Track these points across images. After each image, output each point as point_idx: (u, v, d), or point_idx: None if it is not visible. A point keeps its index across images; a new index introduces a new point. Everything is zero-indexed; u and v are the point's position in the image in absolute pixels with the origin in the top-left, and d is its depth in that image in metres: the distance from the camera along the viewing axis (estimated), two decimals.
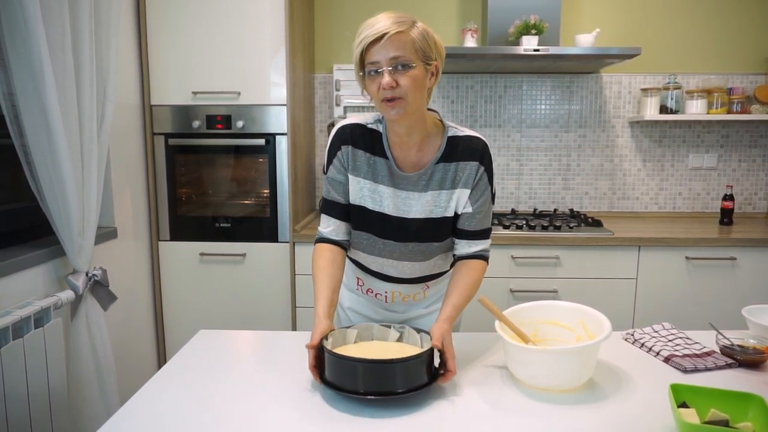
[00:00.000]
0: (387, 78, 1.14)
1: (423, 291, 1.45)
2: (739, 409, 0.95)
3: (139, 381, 2.38)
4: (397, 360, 1.04)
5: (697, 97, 2.71)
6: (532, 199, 3.01)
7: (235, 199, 2.50)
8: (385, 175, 1.29)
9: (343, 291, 1.51)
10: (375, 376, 1.05)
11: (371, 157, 1.29)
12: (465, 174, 1.27)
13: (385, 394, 1.04)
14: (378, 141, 1.29)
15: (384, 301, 1.46)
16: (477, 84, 2.92)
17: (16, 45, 1.51)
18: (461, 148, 1.28)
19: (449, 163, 1.28)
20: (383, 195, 1.29)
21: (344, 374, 1.06)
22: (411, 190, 1.29)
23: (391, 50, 1.14)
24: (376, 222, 1.31)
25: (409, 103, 1.17)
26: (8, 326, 1.44)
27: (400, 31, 1.15)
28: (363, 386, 1.04)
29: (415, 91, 1.16)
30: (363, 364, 1.05)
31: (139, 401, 1.08)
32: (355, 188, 1.31)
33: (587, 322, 1.22)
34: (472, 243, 1.33)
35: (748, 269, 2.39)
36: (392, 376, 1.04)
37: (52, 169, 1.62)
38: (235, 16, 2.33)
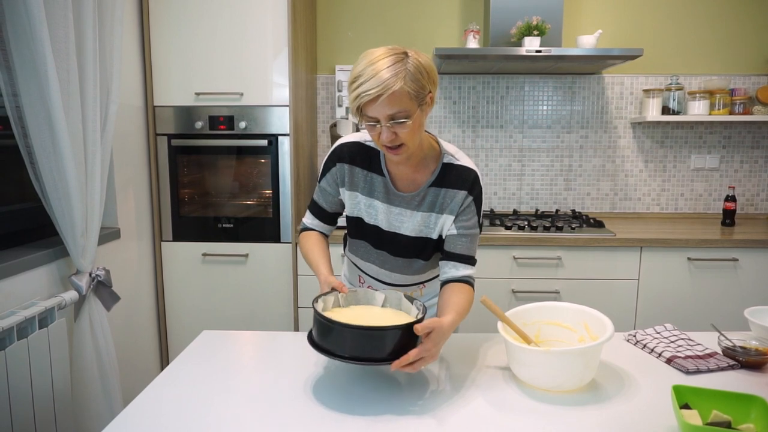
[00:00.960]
0: (386, 134, 1.18)
1: (420, 289, 1.52)
2: (742, 411, 0.95)
3: (142, 381, 2.39)
4: (374, 328, 1.06)
5: (699, 98, 2.71)
6: (533, 200, 3.01)
7: (238, 199, 2.51)
8: (381, 192, 1.36)
9: (346, 284, 1.59)
10: (355, 342, 1.06)
11: (368, 173, 1.36)
12: (452, 201, 1.32)
13: (366, 360, 1.06)
14: (375, 158, 1.36)
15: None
16: (479, 85, 2.93)
17: (21, 46, 1.51)
18: (453, 176, 1.33)
19: (440, 188, 1.33)
20: (378, 210, 1.37)
21: (329, 337, 1.08)
22: (404, 208, 1.35)
23: (387, 108, 1.15)
24: (371, 234, 1.40)
25: (408, 147, 1.22)
26: (13, 327, 1.45)
27: (395, 90, 1.13)
28: (347, 350, 1.06)
29: (413, 137, 1.21)
30: (343, 328, 1.06)
31: (143, 402, 1.09)
32: (352, 202, 1.39)
33: (589, 323, 1.22)
34: (459, 267, 1.33)
35: (750, 270, 2.39)
36: (368, 343, 1.06)
37: (55, 169, 1.63)
38: (237, 17, 2.34)
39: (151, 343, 2.48)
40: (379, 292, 1.27)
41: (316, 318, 1.12)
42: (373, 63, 1.15)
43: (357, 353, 1.06)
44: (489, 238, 2.38)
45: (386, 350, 1.05)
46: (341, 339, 1.06)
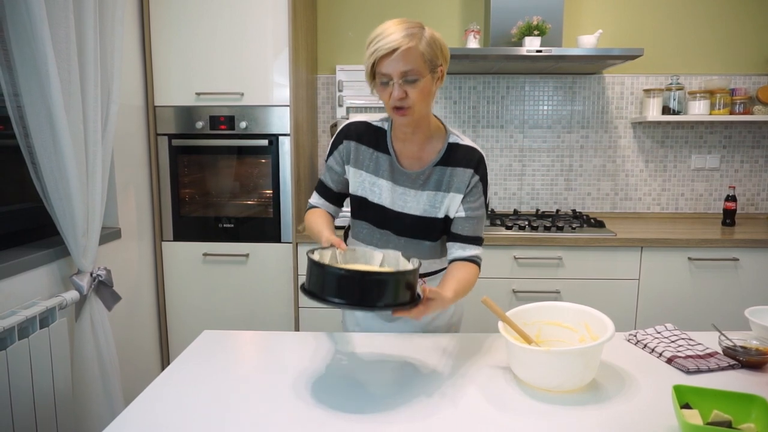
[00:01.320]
0: (397, 91, 1.22)
1: (419, 286, 1.46)
2: (742, 411, 0.95)
3: (142, 380, 2.40)
4: (375, 273, 1.10)
5: (699, 98, 2.71)
6: (534, 200, 3.01)
7: (238, 199, 2.51)
8: (386, 171, 1.38)
9: None
10: (352, 286, 1.07)
11: (374, 152, 1.39)
12: (458, 180, 1.36)
13: (361, 305, 1.09)
14: (382, 138, 1.39)
15: None
16: (479, 85, 2.93)
17: (22, 46, 1.52)
18: (459, 155, 1.36)
19: (446, 167, 1.36)
20: (382, 188, 1.38)
21: (325, 283, 1.08)
22: (409, 187, 1.37)
23: (401, 65, 1.21)
24: (374, 213, 1.40)
25: (416, 111, 1.26)
26: (14, 326, 1.45)
27: (410, 46, 1.20)
28: (340, 295, 1.07)
29: (422, 100, 1.26)
30: (344, 273, 1.07)
31: (144, 402, 1.09)
32: (356, 180, 1.41)
33: (590, 323, 1.22)
34: (466, 247, 1.37)
35: (751, 270, 2.39)
36: (369, 288, 1.07)
37: (56, 169, 1.63)
38: (238, 17, 2.34)
39: (151, 342, 2.48)
40: (377, 251, 1.25)
41: (319, 266, 1.09)
42: (391, 26, 1.24)
43: (356, 299, 1.06)
44: (489, 238, 2.38)
45: (385, 297, 1.07)
46: (347, 285, 1.07)
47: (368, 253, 1.25)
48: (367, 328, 1.53)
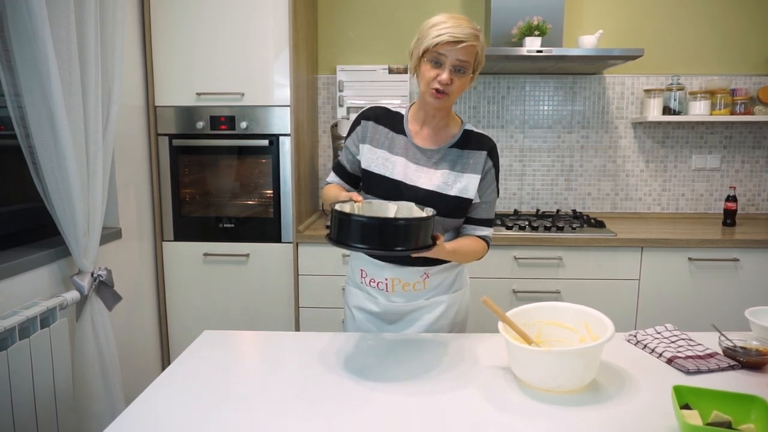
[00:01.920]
0: (446, 75, 1.33)
1: (423, 280, 1.48)
2: (742, 411, 0.95)
3: (143, 380, 2.39)
4: (399, 219, 1.22)
5: (700, 98, 2.71)
6: (534, 200, 3.01)
7: (239, 199, 2.51)
8: (401, 149, 1.46)
9: (349, 289, 1.61)
10: (373, 233, 1.18)
11: (390, 132, 1.48)
12: (474, 161, 1.45)
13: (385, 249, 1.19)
14: (399, 121, 1.49)
15: (385, 290, 1.49)
16: (480, 85, 2.93)
17: (23, 46, 1.52)
18: (474, 140, 1.47)
19: (462, 149, 1.46)
20: (396, 164, 1.44)
21: (350, 231, 1.19)
22: (423, 165, 1.44)
23: (462, 55, 1.32)
24: (387, 186, 1.44)
25: (450, 98, 1.38)
26: (15, 326, 1.45)
27: (474, 44, 1.33)
28: (363, 241, 1.18)
29: (458, 91, 1.38)
30: (368, 220, 1.18)
31: (144, 401, 1.09)
32: (370, 157, 1.47)
33: (590, 323, 1.22)
34: (477, 228, 1.50)
35: (751, 270, 2.39)
36: (393, 233, 1.18)
37: (57, 170, 1.63)
38: (238, 18, 2.34)
39: (152, 342, 2.48)
40: (392, 203, 1.33)
41: (344, 216, 1.20)
42: (459, 18, 1.34)
43: (377, 244, 1.18)
44: None
45: (405, 240, 1.18)
46: (368, 232, 1.17)
47: (384, 204, 1.34)
48: (368, 329, 1.54)
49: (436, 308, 1.50)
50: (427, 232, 1.22)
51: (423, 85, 1.37)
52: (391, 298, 1.50)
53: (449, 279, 1.53)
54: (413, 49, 1.39)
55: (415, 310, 1.50)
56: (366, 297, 1.54)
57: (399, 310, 1.50)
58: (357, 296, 1.56)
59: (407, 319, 1.51)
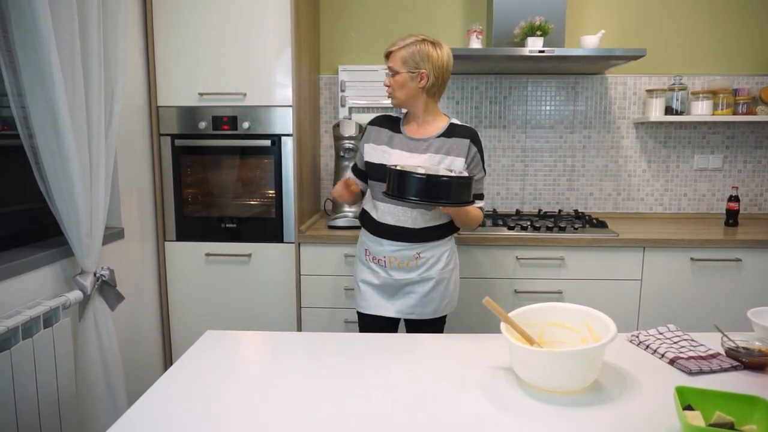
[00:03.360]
0: (386, 80, 1.81)
1: (415, 259, 1.82)
2: (745, 412, 0.95)
3: (145, 380, 2.41)
4: (448, 176, 1.56)
5: (702, 98, 2.70)
6: (536, 200, 3.01)
7: (241, 199, 2.51)
8: (397, 143, 1.82)
9: (358, 265, 1.96)
10: (427, 187, 1.54)
11: (389, 132, 1.86)
12: (458, 147, 1.78)
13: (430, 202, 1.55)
14: (396, 122, 1.88)
15: (384, 266, 1.85)
16: (482, 85, 2.93)
17: (26, 47, 1.52)
18: (458, 130, 1.81)
19: (448, 138, 1.79)
20: (392, 154, 1.80)
21: (403, 186, 1.55)
22: (414, 152, 1.79)
23: (390, 63, 1.78)
24: (380, 171, 1.77)
25: (395, 96, 1.79)
26: (18, 326, 1.46)
27: (393, 50, 1.76)
28: (417, 195, 1.54)
29: (398, 89, 1.77)
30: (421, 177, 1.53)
31: (147, 401, 1.09)
32: (372, 152, 1.85)
33: (592, 324, 1.22)
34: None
35: (754, 271, 2.38)
36: (442, 188, 1.54)
37: (60, 170, 1.64)
38: (241, 18, 2.34)
39: (154, 342, 2.49)
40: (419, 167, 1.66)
41: (402, 173, 1.55)
42: (404, 35, 1.77)
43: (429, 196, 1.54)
44: (491, 238, 2.38)
45: (450, 195, 1.55)
46: (423, 187, 1.53)
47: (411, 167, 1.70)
48: (372, 299, 1.89)
49: (426, 283, 1.83)
50: (462, 190, 1.56)
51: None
52: (389, 272, 1.85)
53: (437, 258, 1.84)
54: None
55: (409, 284, 1.85)
56: (369, 271, 1.89)
57: (395, 283, 1.85)
58: (363, 271, 1.92)
59: (403, 291, 1.86)
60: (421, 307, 1.85)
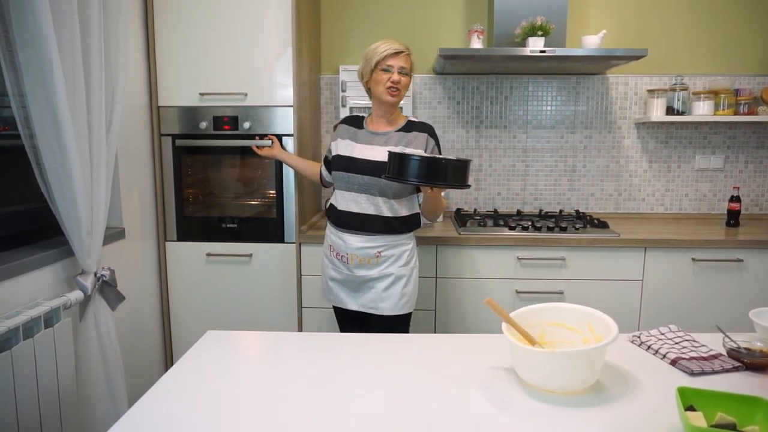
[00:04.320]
0: (397, 77, 1.89)
1: (376, 258, 1.93)
2: (746, 413, 0.95)
3: (146, 380, 2.41)
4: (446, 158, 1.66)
5: (703, 99, 2.70)
6: (537, 200, 3.01)
7: (242, 199, 2.51)
8: (361, 137, 1.97)
9: (324, 260, 2.08)
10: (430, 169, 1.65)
11: (353, 128, 2.01)
12: (416, 141, 1.93)
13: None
14: (360, 120, 2.04)
15: (347, 262, 1.96)
16: (483, 85, 2.93)
17: (26, 46, 1.52)
18: (416, 126, 1.97)
19: (407, 132, 1.94)
20: (354, 147, 1.95)
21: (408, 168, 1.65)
22: (374, 144, 1.93)
23: (403, 62, 1.90)
24: (344, 162, 1.94)
25: (401, 94, 1.91)
26: (19, 326, 1.46)
27: (409, 54, 1.92)
28: (417, 176, 1.64)
29: (406, 90, 1.92)
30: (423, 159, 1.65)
31: (148, 402, 1.09)
32: (339, 145, 2.00)
33: (594, 324, 1.22)
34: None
35: (755, 271, 2.38)
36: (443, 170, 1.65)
37: (61, 170, 1.64)
38: (242, 18, 2.34)
39: (155, 342, 2.49)
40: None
41: (402, 156, 1.66)
42: (390, 39, 1.92)
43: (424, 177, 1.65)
44: (492, 238, 2.38)
45: (447, 177, 1.66)
46: (434, 168, 1.65)
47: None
48: (336, 294, 2.02)
49: (386, 279, 1.94)
50: (460, 172, 1.66)
51: (380, 88, 1.89)
52: (351, 269, 1.96)
53: (398, 256, 1.94)
54: (363, 68, 1.93)
55: (370, 280, 1.95)
56: (332, 267, 2.01)
57: (357, 279, 1.96)
58: (327, 266, 2.04)
59: (365, 287, 1.96)
60: (379, 302, 1.94)
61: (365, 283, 1.96)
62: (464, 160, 1.67)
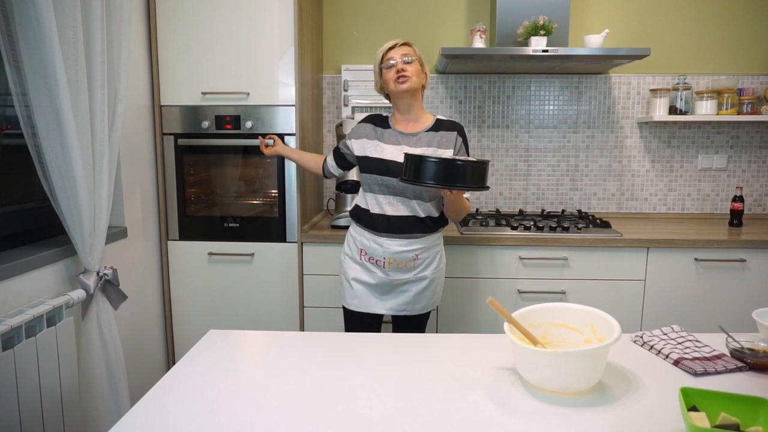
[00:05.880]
0: (400, 64, 1.84)
1: (413, 260, 1.89)
2: (750, 413, 0.95)
3: (148, 379, 2.41)
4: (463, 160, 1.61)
5: (706, 98, 2.69)
6: (540, 200, 3.00)
7: (244, 199, 2.51)
8: (388, 138, 1.90)
9: (348, 263, 1.99)
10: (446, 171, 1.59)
11: (379, 128, 1.94)
12: (446, 139, 1.87)
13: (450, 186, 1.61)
14: (386, 120, 1.96)
15: (383, 266, 1.90)
16: (485, 84, 2.92)
17: (29, 46, 1.52)
18: (445, 124, 1.91)
19: (436, 132, 1.89)
20: (384, 148, 1.88)
21: (422, 171, 1.60)
22: (404, 145, 1.87)
23: (401, 51, 1.86)
24: (376, 165, 1.87)
25: (411, 79, 1.83)
26: (21, 325, 1.46)
27: (406, 42, 1.88)
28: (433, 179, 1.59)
29: (416, 75, 1.84)
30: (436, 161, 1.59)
31: (150, 401, 1.09)
32: (363, 146, 1.93)
33: (596, 324, 1.22)
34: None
35: (758, 271, 2.37)
36: (460, 172, 1.60)
37: (64, 169, 1.64)
38: (244, 17, 2.34)
39: (157, 341, 2.49)
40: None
41: (419, 157, 1.60)
42: (393, 40, 1.90)
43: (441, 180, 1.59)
44: (495, 238, 2.38)
45: (466, 179, 1.60)
46: (438, 170, 1.59)
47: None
48: (365, 297, 1.93)
49: (421, 282, 1.91)
50: (479, 174, 1.61)
51: (390, 84, 1.85)
52: (387, 273, 1.90)
53: (432, 258, 1.92)
54: (375, 79, 1.93)
55: (405, 284, 1.92)
56: (364, 271, 1.94)
57: (392, 283, 1.91)
58: (356, 269, 1.96)
59: (398, 290, 1.92)
60: (412, 304, 1.93)
61: (399, 286, 1.92)
62: (482, 162, 1.62)
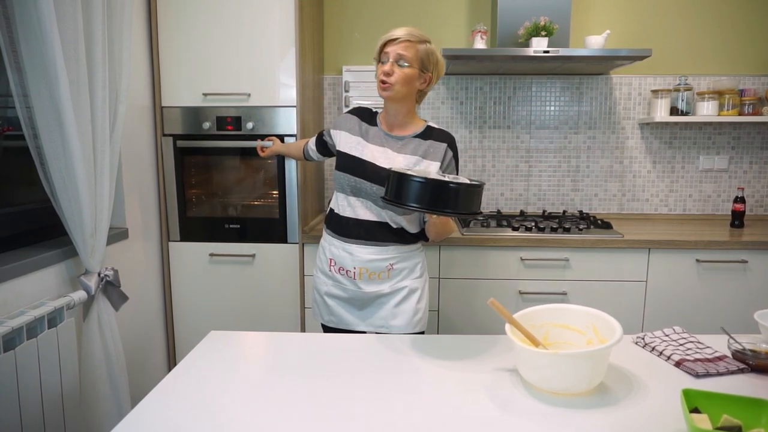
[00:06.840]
0: (388, 66, 1.59)
1: (387, 271, 1.70)
2: (752, 415, 0.94)
3: (149, 380, 2.41)
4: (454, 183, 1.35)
5: (708, 99, 2.69)
6: (541, 201, 3.00)
7: (245, 200, 2.51)
8: (373, 137, 1.71)
9: (318, 277, 1.82)
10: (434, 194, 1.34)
11: (365, 124, 1.74)
12: (434, 150, 1.66)
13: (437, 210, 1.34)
14: (374, 117, 1.77)
15: (353, 278, 1.71)
16: (486, 85, 2.92)
17: (31, 47, 1.52)
18: (435, 133, 1.70)
19: (424, 140, 1.68)
20: (365, 146, 1.69)
21: (409, 192, 1.35)
22: (388, 148, 1.68)
23: (400, 50, 1.59)
24: (353, 164, 1.68)
25: (394, 87, 1.60)
26: (22, 326, 1.46)
27: (411, 42, 1.59)
28: (415, 200, 1.33)
29: (403, 82, 1.60)
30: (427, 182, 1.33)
31: (151, 402, 1.09)
32: (345, 141, 1.73)
33: (598, 325, 1.21)
34: None
35: (760, 272, 2.37)
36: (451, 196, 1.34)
37: (65, 170, 1.64)
38: (245, 18, 2.34)
39: (158, 342, 2.49)
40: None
41: (402, 176, 1.35)
42: (407, 26, 1.62)
43: (427, 204, 1.33)
44: (496, 239, 2.38)
45: (458, 204, 1.35)
46: (422, 192, 1.34)
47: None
48: (340, 314, 1.76)
49: (399, 293, 1.71)
50: (471, 198, 1.36)
51: (377, 82, 1.63)
52: (358, 284, 1.72)
53: (410, 268, 1.73)
54: (375, 60, 1.66)
55: (381, 296, 1.72)
56: (334, 284, 1.76)
57: (365, 296, 1.72)
58: (326, 284, 1.79)
59: (375, 304, 1.73)
60: (390, 319, 1.71)
61: (375, 299, 1.72)
62: (476, 184, 1.37)
